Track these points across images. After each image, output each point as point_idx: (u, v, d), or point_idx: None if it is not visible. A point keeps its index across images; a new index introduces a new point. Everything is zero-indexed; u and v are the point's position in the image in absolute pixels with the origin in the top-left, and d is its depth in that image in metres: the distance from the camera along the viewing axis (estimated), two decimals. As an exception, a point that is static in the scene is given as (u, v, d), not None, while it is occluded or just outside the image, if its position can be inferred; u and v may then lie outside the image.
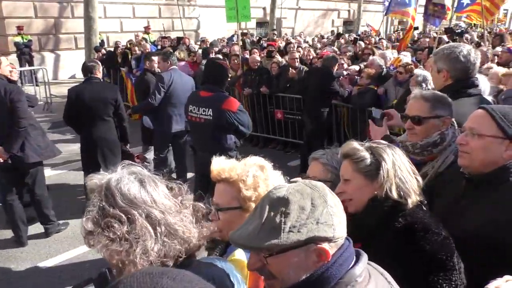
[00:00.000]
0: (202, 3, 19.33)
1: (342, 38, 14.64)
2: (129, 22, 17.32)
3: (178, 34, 15.68)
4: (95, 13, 10.90)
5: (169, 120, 5.49)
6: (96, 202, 1.22)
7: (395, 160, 1.64)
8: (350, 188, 1.68)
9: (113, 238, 1.17)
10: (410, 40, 11.90)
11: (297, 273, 1.08)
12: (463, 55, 2.55)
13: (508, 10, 32.79)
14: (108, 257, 1.18)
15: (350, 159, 1.69)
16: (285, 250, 1.06)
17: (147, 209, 1.22)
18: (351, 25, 26.58)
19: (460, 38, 11.47)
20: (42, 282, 4.05)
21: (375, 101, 6.32)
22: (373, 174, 1.63)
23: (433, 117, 2.17)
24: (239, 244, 1.13)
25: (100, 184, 1.24)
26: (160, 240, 1.21)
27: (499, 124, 1.71)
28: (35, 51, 14.72)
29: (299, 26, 24.05)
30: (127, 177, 1.26)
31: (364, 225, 1.59)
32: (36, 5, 14.98)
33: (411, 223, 1.55)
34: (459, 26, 18.09)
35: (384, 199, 1.60)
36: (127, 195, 1.22)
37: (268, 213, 1.08)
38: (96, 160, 5.05)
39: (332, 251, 1.09)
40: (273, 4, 20.68)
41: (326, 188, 1.14)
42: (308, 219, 1.06)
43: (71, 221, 5.15)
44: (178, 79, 5.50)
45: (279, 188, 1.13)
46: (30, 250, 4.60)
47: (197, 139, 4.32)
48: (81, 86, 5.17)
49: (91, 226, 1.19)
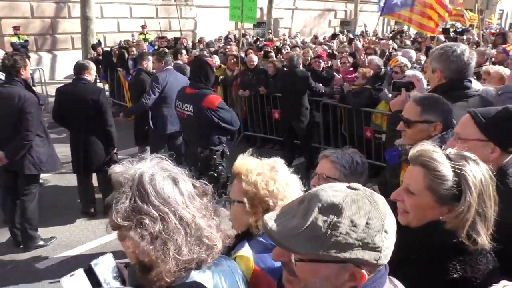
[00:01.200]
0: (199, 3, 19.32)
1: (337, 38, 14.71)
2: (126, 22, 17.28)
3: (175, 34, 15.68)
4: (92, 13, 10.89)
5: (164, 120, 5.52)
6: (128, 196, 1.18)
7: (484, 187, 1.35)
8: (412, 203, 1.44)
9: (144, 236, 1.15)
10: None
11: (321, 285, 0.99)
12: (456, 55, 2.53)
13: (503, 10, 32.89)
14: (139, 254, 1.15)
15: (425, 170, 1.40)
16: (320, 261, 0.96)
17: (180, 210, 1.20)
18: (348, 25, 26.62)
19: (460, 38, 11.50)
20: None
21: (371, 101, 6.34)
22: (448, 200, 1.36)
23: (422, 122, 2.12)
24: (272, 237, 0.99)
25: (132, 178, 1.20)
26: (189, 243, 1.19)
27: (481, 128, 1.71)
28: (32, 51, 14.67)
29: (296, 26, 24.06)
30: (161, 174, 1.22)
31: (410, 246, 1.35)
32: (32, 5, 14.93)
33: (469, 278, 1.32)
34: (456, 26, 18.12)
35: (451, 232, 1.35)
36: (161, 193, 1.19)
37: (315, 217, 0.95)
38: (82, 160, 5.05)
39: (368, 275, 0.98)
40: (270, 4, 20.69)
41: (387, 207, 1.00)
42: (356, 240, 0.93)
43: (68, 221, 5.17)
44: (173, 79, 5.52)
45: (336, 192, 0.99)
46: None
47: (185, 132, 4.52)
48: (65, 86, 5.23)
49: (121, 220, 1.16)
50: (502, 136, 1.73)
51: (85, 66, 5.03)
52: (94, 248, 4.62)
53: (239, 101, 8.20)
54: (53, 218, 5.19)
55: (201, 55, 8.49)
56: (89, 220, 5.27)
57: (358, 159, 2.05)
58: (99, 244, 4.70)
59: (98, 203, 5.52)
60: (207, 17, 19.32)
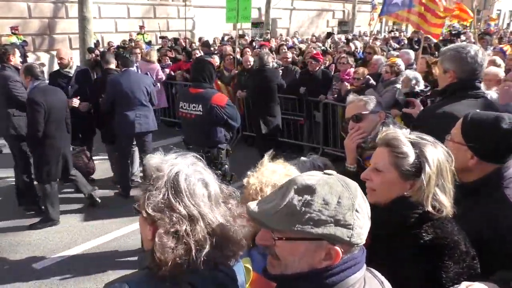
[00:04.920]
0: (197, 3, 19.31)
1: (331, 37, 14.76)
2: (123, 22, 17.27)
3: (173, 34, 15.67)
4: (89, 13, 10.86)
5: (127, 120, 5.61)
6: (161, 190, 1.19)
7: (441, 164, 1.47)
8: (379, 180, 1.56)
9: (170, 232, 1.16)
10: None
11: (300, 264, 1.05)
12: (471, 56, 2.50)
13: (501, 10, 33.00)
14: (158, 248, 1.15)
15: (390, 149, 1.53)
16: (296, 239, 1.03)
17: (208, 215, 1.21)
18: (346, 26, 26.66)
19: (456, 39, 11.53)
20: (51, 273, 4.07)
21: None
22: (411, 174, 1.48)
23: (370, 113, 2.44)
24: (253, 218, 1.08)
25: (167, 174, 1.21)
26: (212, 248, 1.20)
27: (463, 132, 1.72)
28: (30, 51, 14.65)
29: (294, 27, 24.08)
30: (195, 175, 1.24)
31: (382, 222, 1.41)
32: (30, 5, 14.91)
33: (441, 238, 1.43)
34: (453, 26, 18.17)
35: (415, 204, 1.47)
36: (193, 195, 1.21)
37: (291, 197, 1.03)
38: None
39: (342, 255, 1.04)
40: (268, 5, 20.70)
41: (359, 190, 1.08)
42: (328, 217, 1.01)
43: (67, 221, 5.18)
44: (130, 80, 5.61)
45: (311, 175, 1.09)
46: (39, 242, 4.64)
47: (189, 134, 4.48)
48: None
49: (152, 211, 1.18)
50: (477, 142, 1.69)
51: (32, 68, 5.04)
52: (92, 248, 4.62)
53: (237, 101, 8.20)
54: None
55: (205, 54, 8.59)
56: (87, 220, 5.27)
57: (319, 163, 2.12)
58: (97, 244, 4.70)
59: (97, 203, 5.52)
60: (205, 18, 19.31)
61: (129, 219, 5.08)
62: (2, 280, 4.08)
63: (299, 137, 7.77)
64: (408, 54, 7.58)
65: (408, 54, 7.58)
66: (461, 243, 1.44)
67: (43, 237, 4.85)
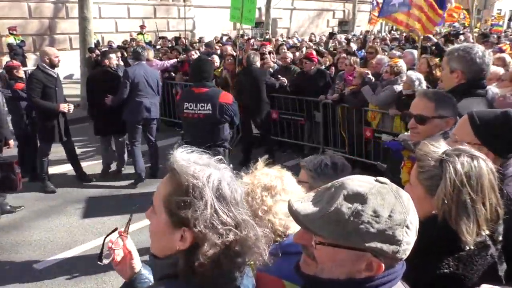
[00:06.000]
0: (197, 3, 19.31)
1: (334, 38, 14.72)
2: (124, 23, 17.27)
3: (173, 34, 15.67)
4: (90, 13, 10.83)
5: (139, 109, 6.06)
6: (207, 203, 1.11)
7: (465, 177, 1.34)
8: (410, 194, 1.45)
9: (217, 243, 1.09)
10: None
11: (337, 270, 1.01)
12: (479, 56, 2.53)
13: (501, 10, 32.99)
14: (202, 257, 1.08)
15: (418, 163, 1.47)
16: (339, 247, 0.98)
17: (248, 219, 1.16)
18: (346, 25, 26.64)
19: (455, 40, 11.50)
20: (51, 274, 4.07)
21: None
22: (434, 190, 1.39)
23: (437, 117, 2.17)
24: (297, 218, 1.02)
25: (209, 185, 1.12)
26: (247, 253, 1.15)
27: (476, 131, 1.70)
28: (30, 52, 14.67)
29: (294, 27, 24.08)
30: (234, 182, 1.19)
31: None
32: (30, 5, 14.92)
33: (459, 276, 1.32)
34: (453, 26, 18.15)
35: (442, 225, 1.35)
36: (237, 203, 1.15)
37: (339, 203, 0.97)
38: None
39: (384, 268, 0.98)
40: (268, 4, 20.68)
41: (411, 204, 1.02)
42: (378, 230, 0.95)
43: (67, 221, 5.18)
44: (143, 72, 6.10)
45: (362, 182, 1.02)
46: (40, 243, 4.62)
47: (194, 134, 4.42)
48: None
49: (204, 228, 1.10)
50: (496, 141, 1.70)
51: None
52: (92, 248, 4.61)
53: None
54: (51, 219, 5.20)
55: (206, 53, 8.67)
56: (87, 220, 5.27)
57: (327, 162, 2.04)
58: (98, 245, 4.69)
59: (96, 203, 5.52)
60: (205, 17, 19.31)
61: (129, 219, 5.07)
62: (2, 280, 4.08)
63: (299, 137, 7.77)
64: (412, 54, 7.48)
65: (412, 54, 7.48)
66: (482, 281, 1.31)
67: (44, 237, 4.86)
